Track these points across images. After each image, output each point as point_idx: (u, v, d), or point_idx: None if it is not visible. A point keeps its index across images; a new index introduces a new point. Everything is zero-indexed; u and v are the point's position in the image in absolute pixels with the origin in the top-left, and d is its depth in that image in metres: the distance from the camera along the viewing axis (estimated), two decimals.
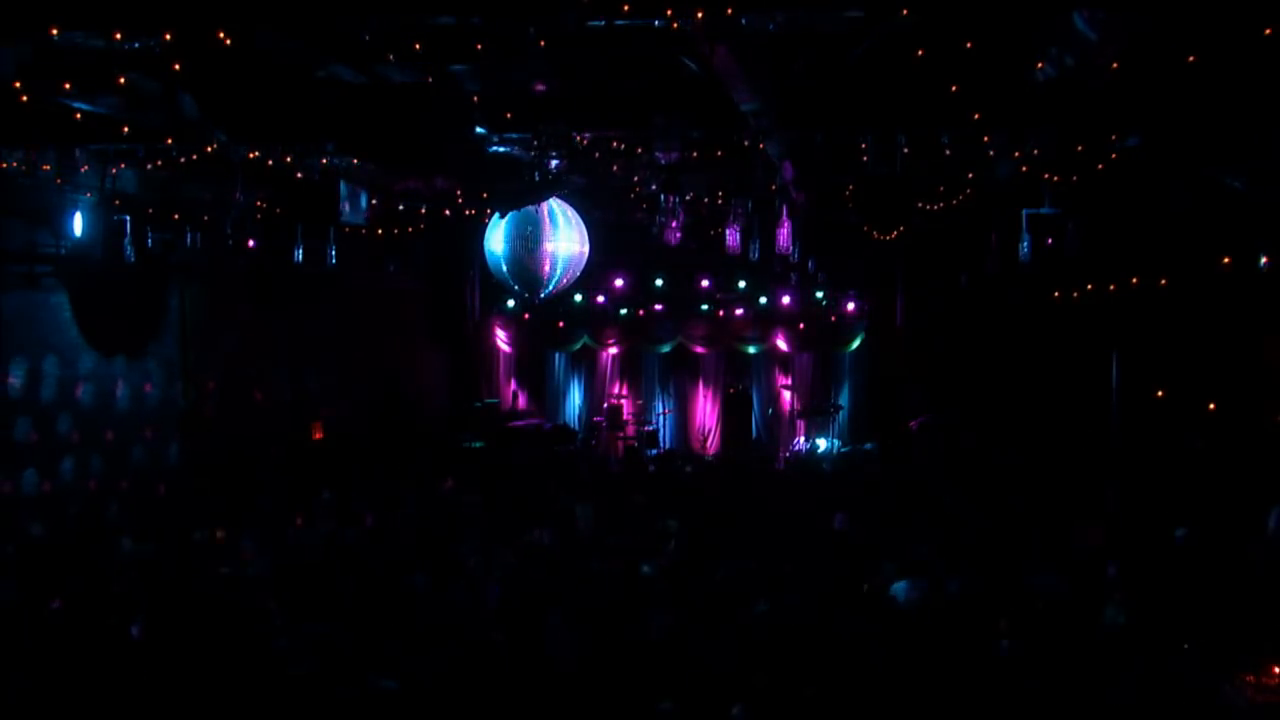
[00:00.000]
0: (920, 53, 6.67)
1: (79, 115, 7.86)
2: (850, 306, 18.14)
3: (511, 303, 18.97)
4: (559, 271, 11.43)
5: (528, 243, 11.15)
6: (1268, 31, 5.81)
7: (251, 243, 12.79)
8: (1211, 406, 11.85)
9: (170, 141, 9.02)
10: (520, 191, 10.42)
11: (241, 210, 11.62)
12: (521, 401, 19.62)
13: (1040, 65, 6.99)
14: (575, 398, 19.87)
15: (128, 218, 10.94)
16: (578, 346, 19.40)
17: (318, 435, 15.68)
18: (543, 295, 11.80)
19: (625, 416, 18.91)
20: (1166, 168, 9.36)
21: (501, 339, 19.76)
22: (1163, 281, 11.59)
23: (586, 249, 11.72)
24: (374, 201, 12.27)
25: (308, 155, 10.24)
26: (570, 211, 11.51)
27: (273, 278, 13.86)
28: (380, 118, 8.47)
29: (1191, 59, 6.42)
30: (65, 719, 6.92)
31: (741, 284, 18.19)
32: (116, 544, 10.42)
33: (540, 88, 8.01)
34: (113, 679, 7.26)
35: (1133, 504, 11.62)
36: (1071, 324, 14.16)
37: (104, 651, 7.60)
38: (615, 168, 11.34)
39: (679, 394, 19.50)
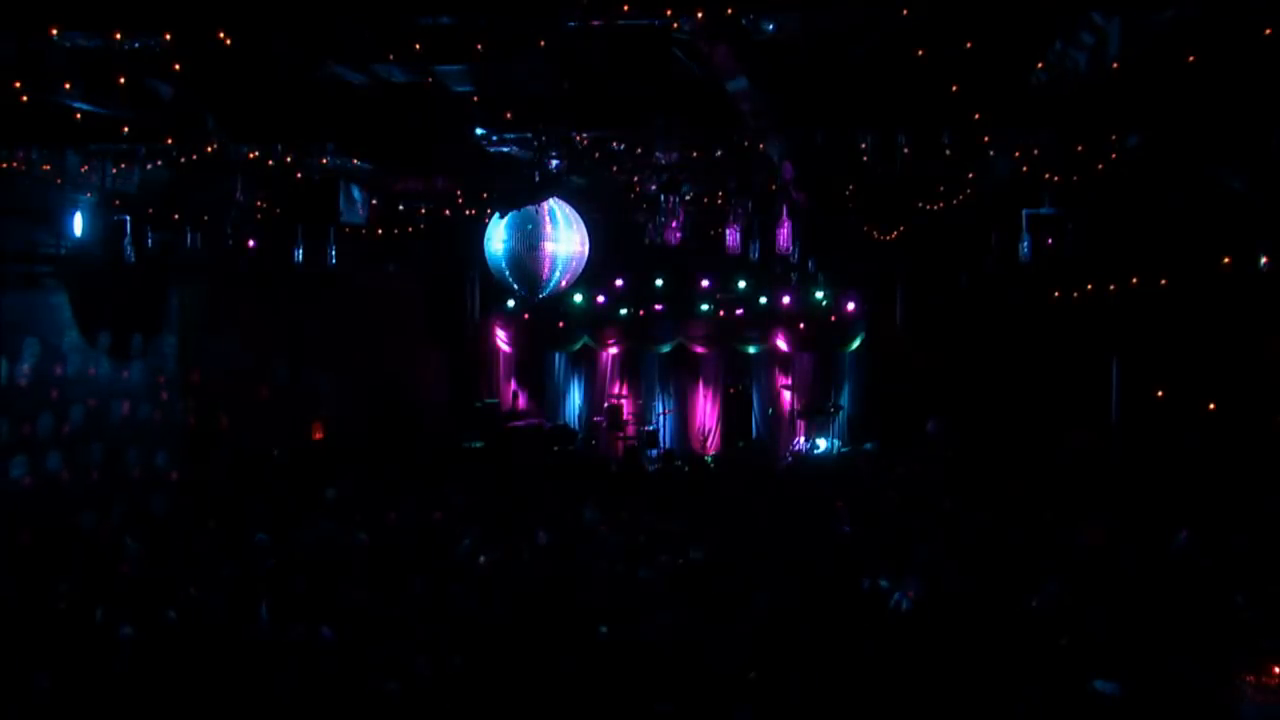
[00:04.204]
0: (920, 53, 6.67)
1: (79, 115, 7.86)
2: (850, 306, 18.15)
3: (511, 303, 18.96)
4: (559, 271, 11.42)
5: (528, 243, 11.13)
6: (1268, 31, 5.81)
7: (251, 243, 12.79)
8: (1211, 406, 11.85)
9: (170, 141, 9.02)
10: (520, 191, 10.41)
11: (241, 210, 11.62)
12: (521, 401, 19.62)
13: (1040, 65, 6.99)
14: (575, 398, 19.86)
15: (128, 218, 10.95)
16: (578, 346, 19.40)
17: (318, 435, 15.69)
18: (543, 295, 11.79)
19: (625, 416, 18.91)
20: (1166, 168, 9.36)
21: (501, 339, 19.75)
22: (1163, 281, 11.60)
23: (586, 249, 11.70)
24: (374, 201, 12.27)
25: (308, 155, 10.23)
26: (570, 211, 11.49)
27: (273, 278, 13.87)
28: (380, 118, 8.47)
29: (1191, 59, 6.42)
30: (66, 718, 6.92)
31: (741, 284, 18.19)
32: (116, 543, 10.43)
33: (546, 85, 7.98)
34: (111, 678, 7.26)
35: (1133, 504, 11.62)
36: (1071, 324, 14.16)
37: (103, 650, 7.60)
38: (615, 168, 11.35)
39: (679, 394, 19.49)
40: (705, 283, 18.44)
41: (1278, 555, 9.04)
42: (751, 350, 18.84)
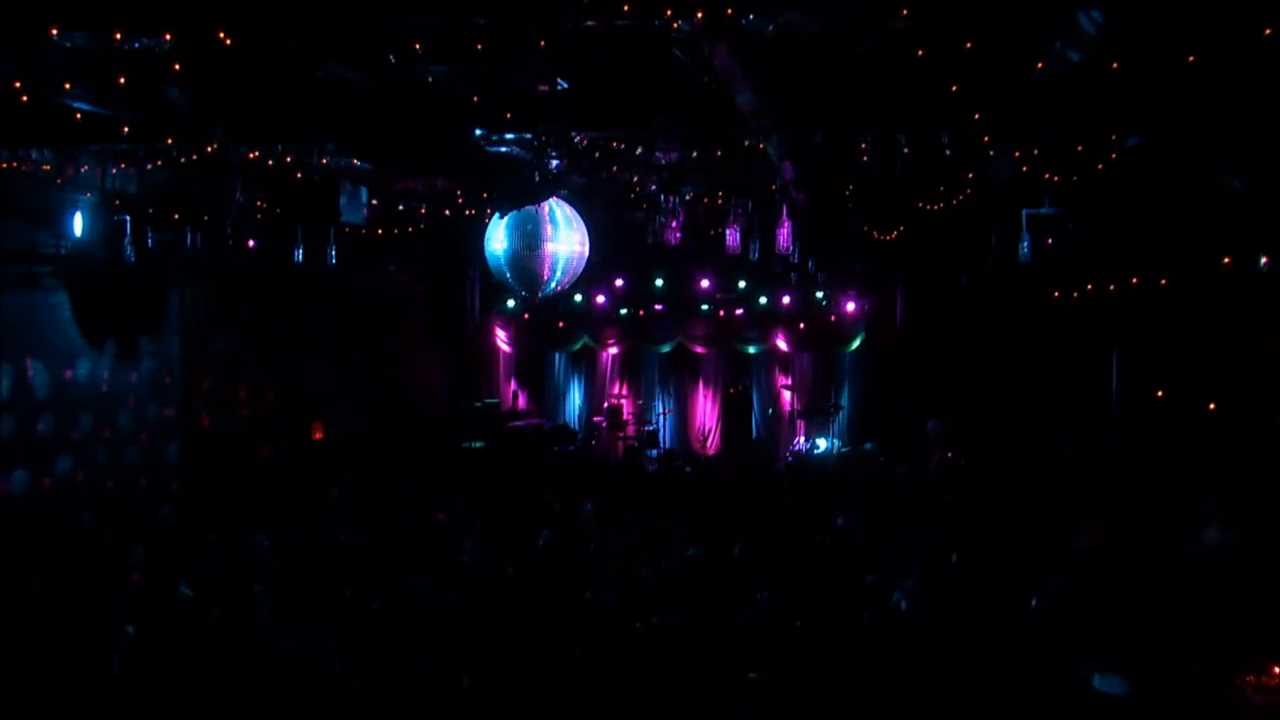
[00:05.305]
0: (920, 53, 6.68)
1: (79, 115, 7.86)
2: (850, 306, 18.15)
3: (511, 303, 18.98)
4: (559, 271, 11.42)
5: (528, 243, 11.13)
6: (1268, 31, 5.81)
7: (251, 243, 12.80)
8: (1212, 406, 11.84)
9: (170, 141, 9.02)
10: (520, 191, 10.41)
11: (241, 210, 11.62)
12: (521, 401, 19.62)
13: (1040, 65, 6.99)
14: (575, 398, 19.87)
15: (128, 218, 10.94)
16: (578, 346, 19.41)
17: (318, 435, 15.69)
18: (543, 295, 11.79)
19: (625, 416, 18.93)
20: (1166, 168, 9.36)
21: (501, 339, 19.76)
22: (1163, 281, 11.59)
23: (586, 249, 11.71)
24: (374, 201, 12.27)
25: (308, 155, 10.23)
26: (570, 211, 11.49)
27: (273, 278, 13.87)
28: (380, 118, 8.47)
29: (1191, 59, 6.43)
30: (66, 718, 6.92)
31: (741, 284, 18.20)
32: (115, 543, 10.42)
33: (543, 88, 8.00)
34: (111, 679, 7.26)
35: (1133, 504, 11.62)
36: (1072, 324, 14.16)
37: (102, 652, 7.59)
38: (615, 168, 11.35)
39: (679, 394, 19.51)
40: (705, 283, 18.44)
41: (1278, 555, 9.04)
42: (751, 350, 18.85)
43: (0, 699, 6.92)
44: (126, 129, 8.42)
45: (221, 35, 6.30)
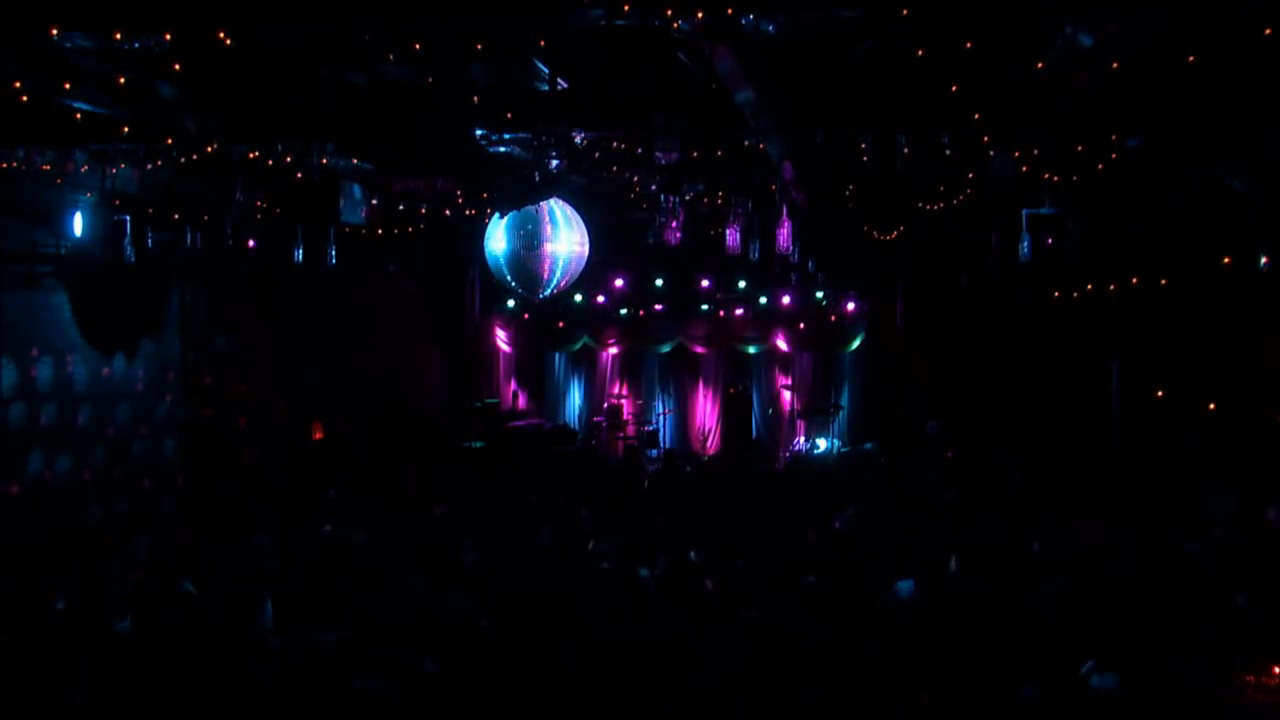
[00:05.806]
0: (920, 53, 6.68)
1: (79, 115, 7.86)
2: (850, 306, 18.15)
3: (511, 303, 18.97)
4: (559, 271, 11.41)
5: (528, 243, 11.13)
6: (1268, 31, 5.81)
7: (251, 243, 12.80)
8: (1211, 406, 11.85)
9: (170, 141, 9.02)
10: (520, 191, 10.42)
11: (241, 210, 11.62)
12: (521, 401, 19.62)
13: (1041, 65, 7.00)
14: (575, 398, 19.87)
15: (128, 218, 10.94)
16: (578, 346, 19.41)
17: (318, 435, 15.69)
18: (543, 295, 11.79)
19: (625, 416, 18.92)
20: (1166, 168, 9.37)
21: (501, 339, 19.76)
22: (1163, 281, 11.60)
23: (586, 249, 11.70)
24: (374, 201, 12.27)
25: (308, 155, 10.24)
26: (570, 211, 11.49)
27: (273, 278, 13.87)
28: (380, 118, 8.47)
29: (1191, 59, 6.43)
30: (62, 717, 6.92)
31: (741, 284, 18.20)
32: (116, 543, 10.43)
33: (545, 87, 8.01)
34: (109, 678, 7.26)
35: (1133, 503, 11.62)
36: (1072, 324, 14.17)
37: (101, 651, 7.60)
38: (615, 168, 11.35)
39: (679, 394, 19.51)
40: (705, 283, 18.44)
41: (1278, 555, 9.04)
42: (751, 350, 18.85)
43: (0, 698, 6.93)
44: (126, 129, 8.42)
45: (221, 35, 6.30)
